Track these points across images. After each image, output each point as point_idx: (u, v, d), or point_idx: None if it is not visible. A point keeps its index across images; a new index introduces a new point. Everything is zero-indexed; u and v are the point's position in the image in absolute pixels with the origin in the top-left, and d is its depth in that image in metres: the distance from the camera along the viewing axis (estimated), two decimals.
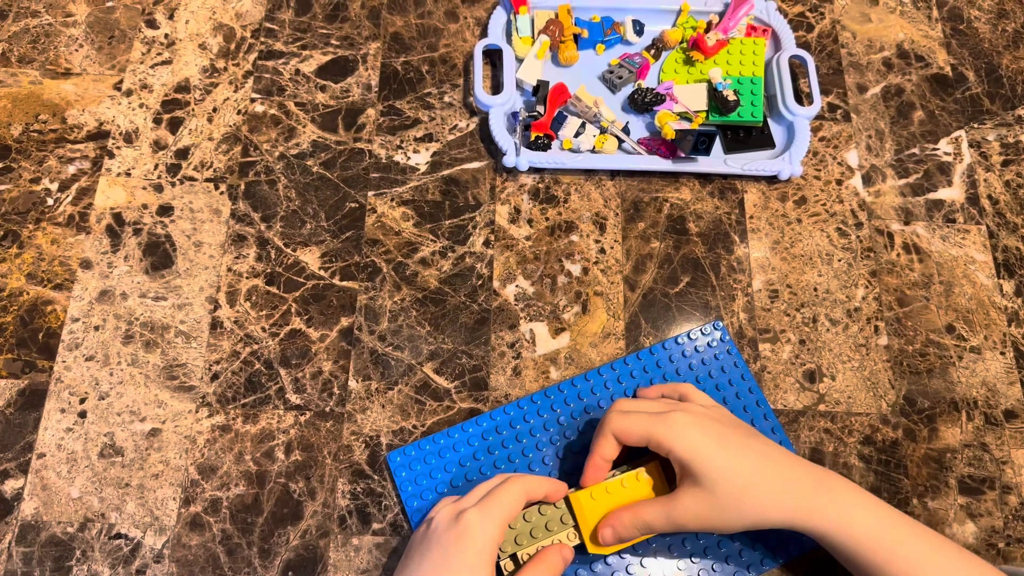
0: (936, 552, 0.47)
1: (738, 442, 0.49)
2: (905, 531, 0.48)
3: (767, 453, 0.49)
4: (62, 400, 0.57)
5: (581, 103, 0.66)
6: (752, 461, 0.48)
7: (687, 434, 0.48)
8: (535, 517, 0.50)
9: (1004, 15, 0.77)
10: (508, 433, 0.57)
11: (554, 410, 0.58)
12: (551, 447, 0.57)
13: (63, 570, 0.53)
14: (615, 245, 0.65)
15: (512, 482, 0.49)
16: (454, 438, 0.57)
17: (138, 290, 0.61)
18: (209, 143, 0.66)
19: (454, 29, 0.72)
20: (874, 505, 0.48)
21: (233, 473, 0.56)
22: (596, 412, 0.58)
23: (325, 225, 0.64)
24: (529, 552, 0.50)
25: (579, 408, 0.58)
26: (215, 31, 0.70)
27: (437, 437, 0.57)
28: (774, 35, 0.72)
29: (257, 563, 0.54)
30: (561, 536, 0.50)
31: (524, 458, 0.57)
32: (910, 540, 0.47)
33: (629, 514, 0.50)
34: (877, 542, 0.47)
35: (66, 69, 0.68)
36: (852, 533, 0.47)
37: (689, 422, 0.49)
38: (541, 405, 0.58)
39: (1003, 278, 0.66)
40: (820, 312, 0.64)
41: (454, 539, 0.46)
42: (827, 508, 0.48)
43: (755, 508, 0.48)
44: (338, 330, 0.60)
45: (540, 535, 0.50)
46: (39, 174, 0.64)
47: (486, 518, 0.46)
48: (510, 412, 0.58)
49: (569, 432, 0.58)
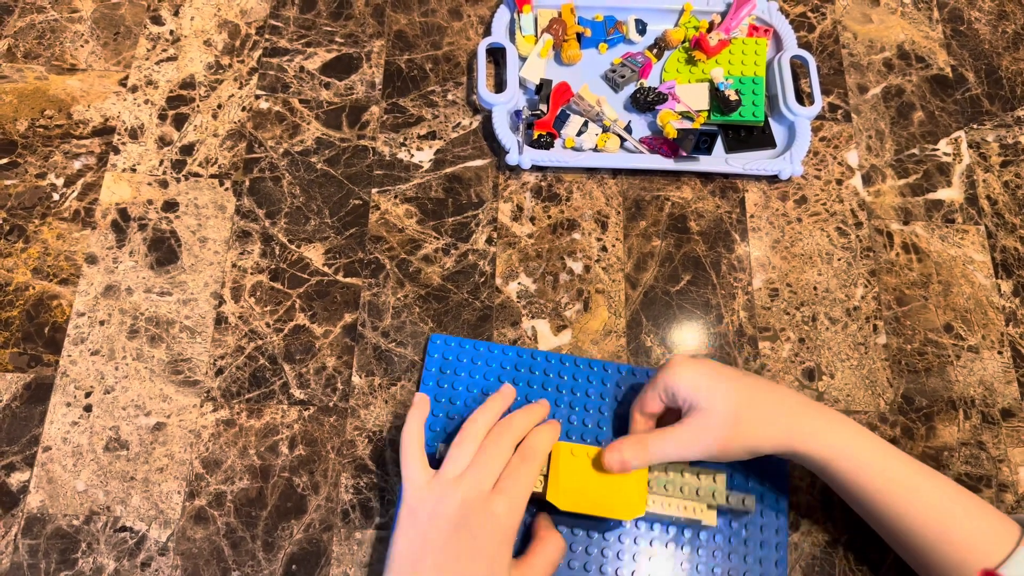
0: (930, 484, 0.49)
1: (732, 375, 0.52)
2: (902, 462, 0.50)
3: (762, 383, 0.52)
4: (68, 394, 0.58)
5: (584, 102, 0.66)
6: (747, 387, 0.51)
7: (688, 372, 0.52)
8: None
9: (1004, 17, 0.78)
10: (542, 379, 0.59)
11: (590, 381, 0.59)
12: (569, 411, 0.58)
13: (69, 562, 0.53)
14: (617, 243, 0.65)
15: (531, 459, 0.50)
16: (494, 354, 0.59)
17: (143, 285, 0.61)
18: (214, 139, 0.66)
19: (458, 27, 0.72)
20: (869, 434, 0.51)
21: (237, 467, 0.56)
22: (626, 402, 0.59)
23: (329, 222, 0.64)
24: None
25: (613, 393, 0.59)
26: (220, 28, 0.71)
27: (480, 345, 0.60)
28: (775, 35, 0.72)
29: (261, 556, 0.54)
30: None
31: (554, 408, 0.58)
32: (907, 471, 0.49)
33: (634, 440, 0.51)
34: (872, 467, 0.49)
35: (71, 65, 0.68)
36: (848, 457, 0.49)
37: (689, 363, 0.52)
38: (582, 370, 0.60)
39: (1001, 278, 0.66)
40: (820, 311, 0.64)
41: (486, 527, 0.47)
42: (822, 433, 0.50)
43: (751, 432, 0.50)
44: (342, 326, 0.61)
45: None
46: (45, 169, 0.64)
47: (514, 503, 0.48)
48: (552, 360, 0.60)
49: (591, 407, 0.59)
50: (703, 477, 0.52)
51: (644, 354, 0.62)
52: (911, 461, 0.50)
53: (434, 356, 0.59)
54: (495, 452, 0.50)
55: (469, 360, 0.59)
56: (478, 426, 0.51)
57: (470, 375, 0.59)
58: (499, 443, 0.50)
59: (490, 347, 0.60)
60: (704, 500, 0.52)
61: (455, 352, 0.59)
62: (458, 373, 0.59)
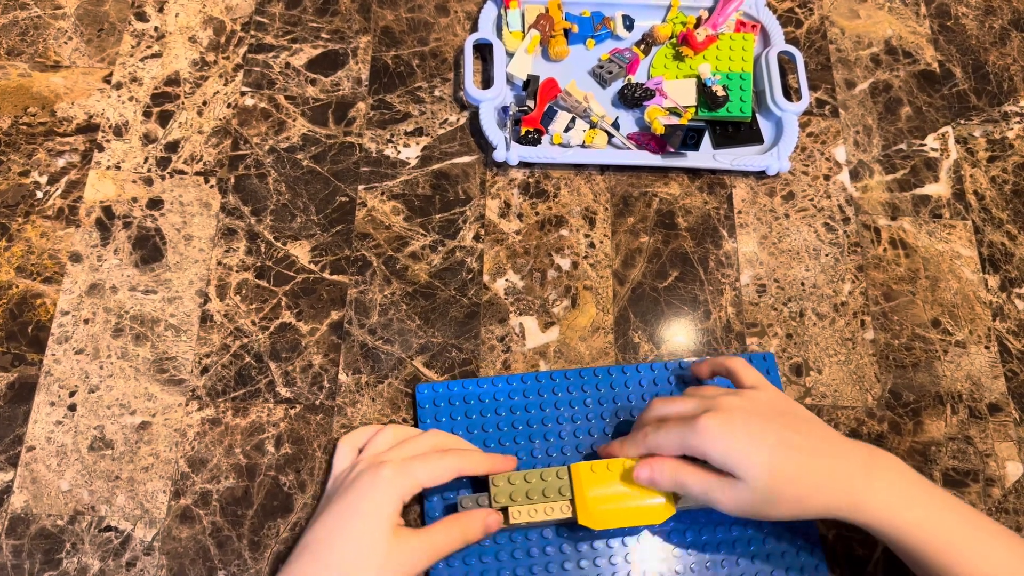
0: (993, 543, 0.46)
1: (775, 438, 0.47)
2: (958, 520, 0.46)
3: (807, 445, 0.48)
4: (52, 393, 0.57)
5: (571, 98, 0.66)
6: (790, 456, 0.47)
7: (718, 439, 0.47)
8: (535, 480, 0.51)
9: (991, 12, 0.78)
10: (534, 400, 0.58)
11: (584, 391, 0.59)
12: (572, 424, 0.58)
13: (53, 562, 0.53)
14: (604, 240, 0.65)
15: (446, 456, 0.51)
16: (483, 388, 0.58)
17: (128, 283, 0.61)
18: (199, 136, 0.66)
19: (444, 23, 0.72)
20: (925, 493, 0.47)
21: (223, 466, 0.56)
22: (624, 403, 0.58)
23: (315, 219, 0.64)
24: (520, 510, 0.51)
25: (609, 396, 0.59)
26: (205, 24, 0.70)
27: (468, 383, 0.58)
28: (763, 31, 0.72)
29: (247, 555, 0.54)
30: (555, 505, 0.51)
31: (543, 427, 0.57)
32: (964, 531, 0.46)
33: (671, 465, 0.49)
34: (928, 533, 0.46)
35: (55, 62, 0.68)
36: (901, 525, 0.46)
37: (719, 425, 0.47)
38: (573, 383, 0.59)
39: (988, 273, 0.67)
40: (807, 306, 0.64)
41: (366, 485, 0.49)
42: (873, 500, 0.46)
43: (796, 502, 0.47)
44: (328, 324, 0.61)
45: (536, 498, 0.51)
46: (28, 167, 0.64)
47: (402, 475, 0.49)
48: (542, 380, 0.59)
49: (592, 415, 0.58)
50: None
51: (632, 350, 0.62)
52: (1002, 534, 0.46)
53: (425, 407, 0.58)
54: (411, 444, 0.52)
55: (462, 400, 0.58)
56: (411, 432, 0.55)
57: (466, 415, 0.57)
58: (418, 440, 0.53)
59: (478, 382, 0.58)
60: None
61: (446, 395, 0.58)
62: (453, 417, 0.57)
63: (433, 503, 0.54)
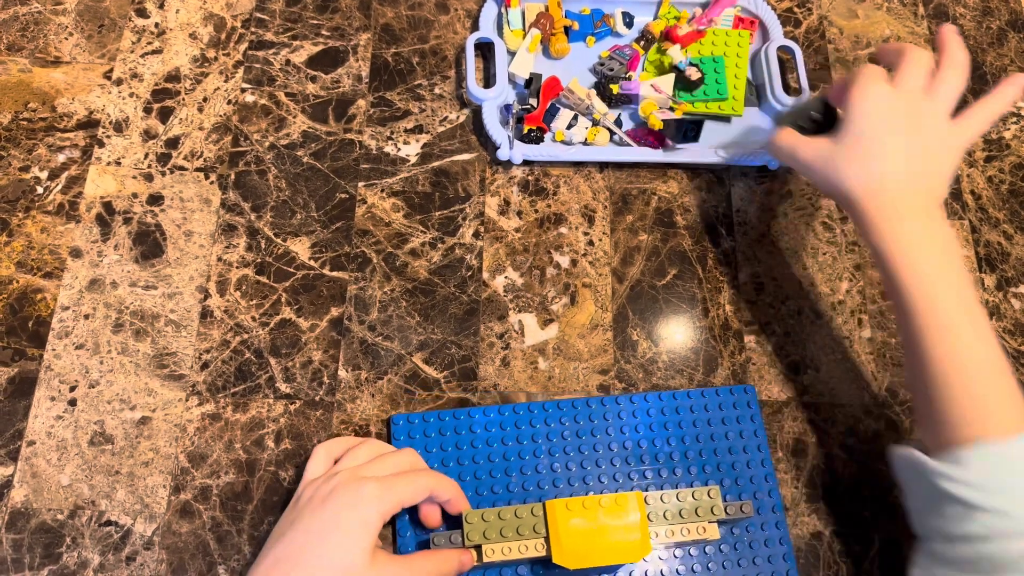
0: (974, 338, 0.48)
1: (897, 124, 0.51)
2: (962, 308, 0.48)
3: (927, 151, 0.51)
4: (52, 388, 0.57)
5: (574, 95, 0.66)
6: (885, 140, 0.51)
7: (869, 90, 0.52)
8: (510, 517, 0.50)
9: (989, 13, 0.78)
10: (511, 432, 0.57)
11: (562, 423, 0.58)
12: (549, 458, 0.57)
13: (53, 557, 0.53)
14: (603, 237, 0.65)
15: (423, 475, 0.50)
16: (459, 420, 0.57)
17: (128, 279, 0.61)
18: (199, 133, 0.66)
19: (445, 21, 0.72)
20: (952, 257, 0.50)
21: (223, 461, 0.56)
22: (602, 436, 0.57)
23: (315, 215, 0.64)
24: (494, 548, 0.50)
25: (588, 429, 0.58)
26: (205, 21, 0.70)
27: (444, 414, 0.57)
28: (762, 26, 0.72)
29: (247, 550, 0.54)
30: (530, 543, 0.50)
31: (520, 460, 0.57)
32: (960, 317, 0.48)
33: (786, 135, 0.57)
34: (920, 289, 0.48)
35: (56, 57, 0.68)
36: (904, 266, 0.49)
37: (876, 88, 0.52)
38: (551, 415, 0.58)
39: (984, 272, 0.67)
40: (805, 305, 0.64)
41: (349, 500, 0.47)
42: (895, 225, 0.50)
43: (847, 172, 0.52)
44: (328, 320, 0.61)
45: (510, 535, 0.50)
46: (29, 162, 0.64)
47: (386, 493, 0.47)
48: (519, 412, 0.58)
49: (570, 448, 0.57)
50: (698, 495, 0.52)
51: (630, 347, 0.62)
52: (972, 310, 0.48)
53: (399, 437, 0.57)
54: (390, 460, 0.51)
55: (438, 432, 0.57)
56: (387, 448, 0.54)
57: (442, 448, 0.56)
58: (396, 457, 0.51)
59: (455, 414, 0.57)
60: (704, 517, 0.51)
61: (422, 427, 0.57)
62: (428, 450, 0.56)
63: (406, 539, 0.53)
